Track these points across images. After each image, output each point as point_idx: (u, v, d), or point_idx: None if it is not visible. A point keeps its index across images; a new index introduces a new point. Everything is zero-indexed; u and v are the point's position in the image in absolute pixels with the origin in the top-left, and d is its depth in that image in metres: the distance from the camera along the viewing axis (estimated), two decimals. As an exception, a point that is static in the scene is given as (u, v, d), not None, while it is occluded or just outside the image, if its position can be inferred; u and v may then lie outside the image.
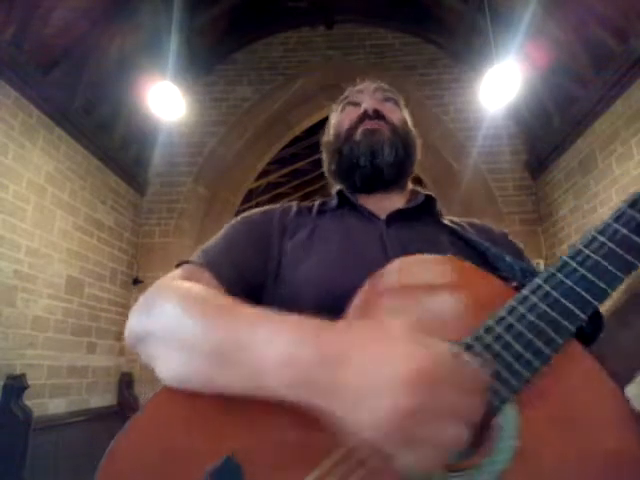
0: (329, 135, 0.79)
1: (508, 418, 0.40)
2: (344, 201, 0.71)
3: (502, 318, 0.44)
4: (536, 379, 0.41)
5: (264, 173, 5.39)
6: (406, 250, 0.57)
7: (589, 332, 0.47)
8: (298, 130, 4.78)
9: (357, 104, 0.76)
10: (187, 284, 0.52)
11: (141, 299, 0.54)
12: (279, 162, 5.75)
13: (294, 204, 0.73)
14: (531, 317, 0.43)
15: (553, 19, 3.23)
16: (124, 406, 3.60)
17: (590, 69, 3.13)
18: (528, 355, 0.41)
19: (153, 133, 4.23)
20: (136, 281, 4.04)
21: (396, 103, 0.78)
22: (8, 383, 2.50)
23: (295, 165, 6.07)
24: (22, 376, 2.56)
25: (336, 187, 0.75)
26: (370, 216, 0.67)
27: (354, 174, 0.71)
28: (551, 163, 3.87)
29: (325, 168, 0.80)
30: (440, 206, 0.73)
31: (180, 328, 0.45)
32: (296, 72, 4.56)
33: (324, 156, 0.81)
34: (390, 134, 0.71)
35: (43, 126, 2.97)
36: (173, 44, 3.37)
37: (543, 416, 0.40)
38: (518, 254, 0.66)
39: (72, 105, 3.22)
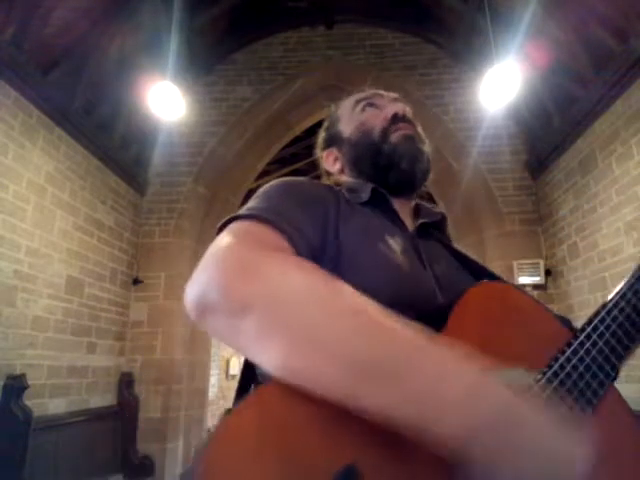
0: (345, 131, 0.78)
1: None
2: (376, 199, 0.67)
3: (575, 351, 0.47)
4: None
5: (264, 173, 5.39)
6: (433, 266, 0.62)
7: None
8: (298, 130, 4.78)
9: (379, 108, 0.77)
10: (308, 265, 0.44)
11: (233, 257, 0.43)
12: (279, 162, 5.75)
13: (341, 189, 0.68)
14: (587, 359, 0.47)
15: (553, 19, 3.23)
16: (124, 406, 3.60)
17: (590, 69, 3.13)
18: (589, 393, 0.45)
19: (153, 133, 4.23)
20: (136, 281, 4.04)
21: (411, 116, 0.80)
22: (8, 383, 2.50)
23: (295, 165, 6.07)
24: (22, 376, 2.56)
25: (341, 179, 0.76)
26: (401, 224, 0.67)
27: (390, 173, 0.71)
28: (551, 163, 3.87)
29: (347, 162, 0.77)
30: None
31: (323, 324, 0.38)
32: (296, 72, 4.56)
33: (336, 150, 0.79)
34: (420, 141, 0.74)
35: (43, 126, 2.97)
36: (173, 44, 3.37)
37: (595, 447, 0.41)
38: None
39: (72, 105, 3.22)
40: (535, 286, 3.89)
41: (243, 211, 0.52)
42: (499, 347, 0.47)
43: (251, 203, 0.55)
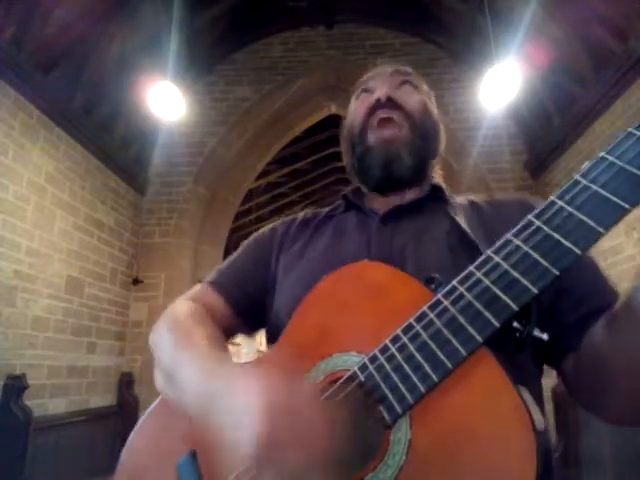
0: (346, 126, 0.75)
1: (400, 433, 0.39)
2: (350, 203, 0.71)
3: (409, 326, 0.42)
4: (436, 394, 0.39)
5: (264, 173, 5.39)
6: (392, 247, 0.59)
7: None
8: (298, 130, 4.78)
9: (371, 91, 0.71)
10: (185, 311, 0.62)
11: (163, 314, 0.64)
12: (279, 162, 5.75)
13: (302, 214, 0.75)
14: (438, 324, 0.40)
15: (553, 19, 3.23)
16: (124, 406, 3.60)
17: (590, 69, 3.13)
18: (427, 368, 0.39)
19: (153, 133, 4.23)
20: (136, 281, 4.03)
21: (414, 86, 0.73)
22: (8, 383, 2.50)
23: (295, 165, 6.07)
24: (22, 376, 2.56)
25: (354, 182, 0.75)
26: (370, 213, 0.66)
27: (366, 177, 0.69)
28: (551, 163, 3.87)
29: (345, 164, 0.77)
30: (449, 193, 0.70)
31: (161, 352, 0.57)
32: (296, 72, 4.56)
33: (342, 148, 0.77)
34: (407, 133, 0.66)
35: (43, 126, 2.97)
36: (173, 44, 3.37)
37: (433, 433, 0.39)
38: None
39: (72, 105, 3.22)
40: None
41: (209, 275, 0.72)
42: (344, 329, 0.47)
43: (220, 265, 0.74)
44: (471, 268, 0.42)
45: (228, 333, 0.66)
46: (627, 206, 0.37)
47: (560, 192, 0.40)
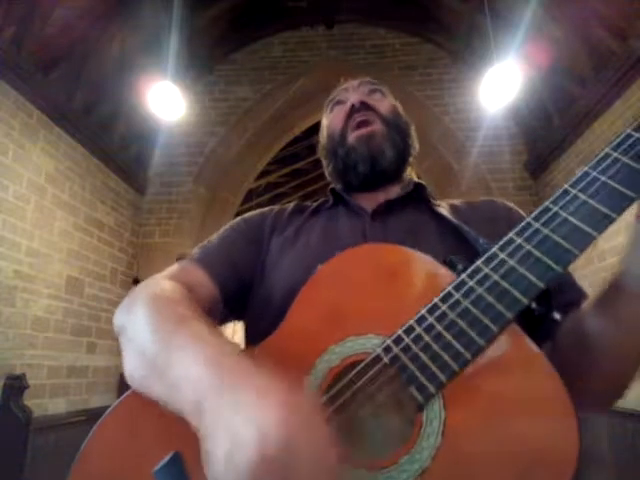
0: (323, 138, 0.80)
1: (433, 414, 0.38)
2: (338, 199, 0.73)
3: (435, 306, 0.41)
4: (468, 374, 0.38)
5: (264, 173, 5.39)
6: (387, 241, 0.58)
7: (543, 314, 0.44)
8: (298, 130, 4.77)
9: (344, 102, 0.76)
10: (164, 290, 0.54)
11: (130, 294, 0.56)
12: (279, 162, 5.75)
13: (293, 204, 0.76)
14: (465, 303, 0.40)
15: (553, 19, 3.23)
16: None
17: (590, 69, 3.13)
18: (458, 346, 0.39)
19: (153, 133, 4.23)
20: (136, 281, 4.03)
21: (382, 93, 0.78)
22: (8, 383, 2.50)
23: (295, 165, 6.07)
24: (22, 376, 2.56)
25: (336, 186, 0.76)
26: (359, 210, 0.68)
27: (350, 176, 0.71)
28: (551, 163, 3.87)
29: (325, 171, 0.81)
30: (432, 192, 0.73)
31: (140, 334, 0.47)
32: (296, 72, 4.56)
33: (322, 159, 0.81)
34: (384, 129, 0.70)
35: (43, 126, 2.97)
36: (173, 44, 3.37)
37: (470, 411, 0.38)
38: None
39: (72, 105, 3.22)
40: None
41: (193, 252, 0.66)
42: (357, 312, 0.45)
43: (204, 242, 0.69)
44: (494, 249, 0.42)
45: (210, 316, 0.58)
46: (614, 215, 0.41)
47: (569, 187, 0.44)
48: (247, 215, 0.74)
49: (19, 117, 2.75)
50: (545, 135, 3.88)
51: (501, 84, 3.17)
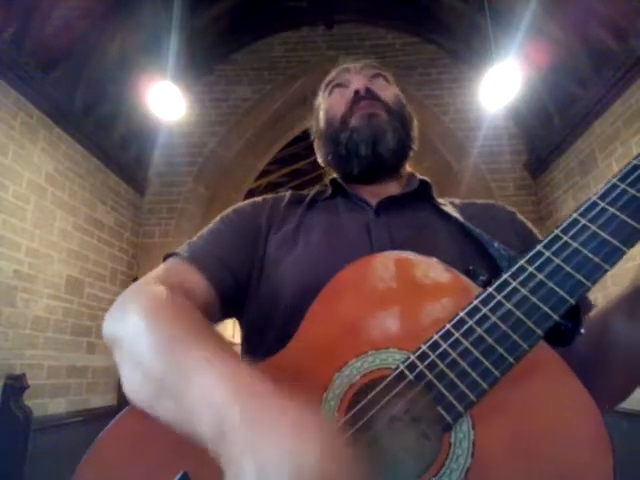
0: (319, 122, 0.74)
1: (462, 435, 0.37)
2: (337, 190, 0.69)
3: (461, 321, 0.40)
4: (494, 390, 0.37)
5: (264, 173, 5.39)
6: (393, 239, 0.57)
7: (569, 329, 0.42)
8: (298, 130, 4.77)
9: (345, 85, 0.71)
10: (162, 296, 0.50)
11: (119, 300, 0.53)
12: (279, 162, 5.75)
13: (287, 194, 0.71)
14: (494, 319, 0.39)
15: (553, 19, 3.23)
16: (124, 406, 3.59)
17: (590, 69, 3.13)
18: (487, 363, 0.37)
19: (153, 133, 4.23)
20: (136, 281, 4.03)
21: (386, 79, 0.73)
22: (8, 383, 2.50)
23: (295, 165, 6.07)
24: (22, 376, 2.56)
25: (331, 176, 0.73)
26: (362, 203, 0.65)
27: (352, 163, 0.67)
28: (551, 163, 3.87)
29: (320, 157, 0.77)
30: (436, 191, 0.70)
31: (141, 350, 0.43)
32: (296, 72, 4.56)
33: (317, 145, 0.77)
34: (388, 116, 0.66)
35: (43, 126, 2.97)
36: (173, 44, 3.37)
37: (499, 431, 0.37)
38: (525, 234, 0.63)
39: (72, 105, 3.22)
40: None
41: (180, 249, 0.63)
42: (377, 325, 0.43)
43: (194, 238, 0.65)
44: (522, 262, 0.41)
45: (208, 319, 0.54)
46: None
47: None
48: (238, 206, 0.69)
49: (19, 117, 2.75)
50: (545, 135, 3.88)
51: (501, 84, 3.16)
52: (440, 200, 0.68)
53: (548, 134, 3.82)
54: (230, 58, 4.64)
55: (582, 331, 0.43)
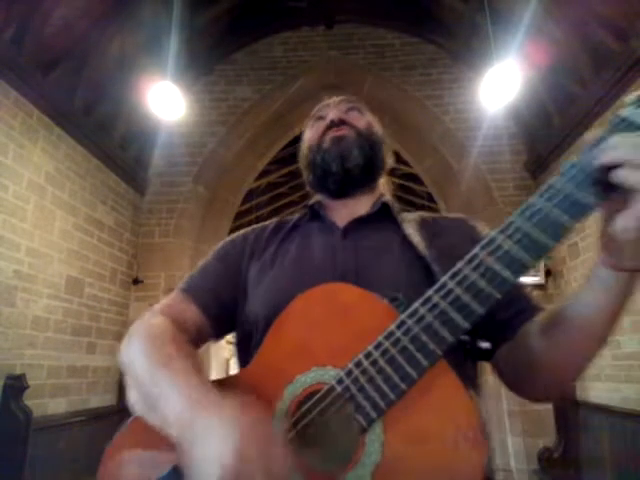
0: (304, 150, 0.84)
1: (374, 436, 0.46)
2: (314, 214, 0.78)
3: (380, 343, 0.49)
4: (402, 399, 0.46)
5: (264, 173, 5.39)
6: (355, 261, 0.65)
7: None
8: (298, 130, 4.77)
9: (324, 118, 0.81)
10: (158, 327, 0.63)
11: (131, 329, 0.64)
12: (279, 162, 5.74)
13: (273, 223, 0.81)
14: (404, 340, 0.47)
15: (553, 19, 3.23)
16: (124, 406, 3.60)
17: (590, 69, 3.13)
18: (396, 378, 0.46)
19: (153, 133, 4.23)
20: (136, 281, 4.03)
21: (360, 111, 0.83)
22: (8, 383, 2.50)
23: (295, 165, 6.05)
24: (22, 376, 2.56)
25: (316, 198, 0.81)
26: (331, 226, 0.74)
27: (327, 181, 0.76)
28: (551, 163, 3.87)
29: (307, 184, 0.85)
30: (398, 210, 0.77)
31: (137, 371, 0.57)
32: (296, 72, 4.56)
33: (304, 173, 0.85)
34: (356, 136, 0.76)
35: (43, 126, 2.97)
36: (173, 44, 3.37)
37: (403, 433, 0.46)
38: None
39: (72, 105, 3.22)
40: (535, 286, 3.89)
41: (181, 282, 0.75)
42: (319, 346, 0.53)
43: (193, 272, 0.77)
44: (430, 292, 0.49)
45: (200, 339, 0.70)
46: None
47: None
48: (229, 240, 0.80)
49: (19, 117, 2.75)
50: (545, 135, 3.88)
51: (501, 84, 3.17)
52: (409, 216, 0.76)
53: (548, 134, 3.82)
54: (230, 58, 4.64)
55: (484, 345, 0.57)
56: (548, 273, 3.89)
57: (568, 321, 0.53)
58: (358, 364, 0.49)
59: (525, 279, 3.88)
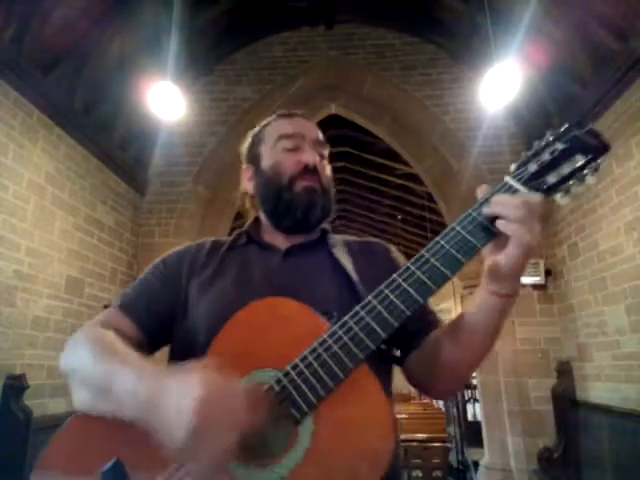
0: (265, 170, 0.84)
1: (306, 427, 0.55)
2: (251, 239, 0.83)
3: (314, 349, 0.58)
4: (330, 396, 0.55)
5: (264, 173, 5.39)
6: (293, 280, 0.73)
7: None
8: (298, 130, 4.77)
9: (296, 150, 0.82)
10: (99, 334, 0.68)
11: (71, 340, 0.69)
12: (279, 162, 5.75)
13: (210, 241, 0.86)
14: (335, 347, 0.57)
15: (553, 19, 3.23)
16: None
17: (590, 69, 3.13)
18: (326, 378, 0.56)
19: (153, 133, 4.23)
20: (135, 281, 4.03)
21: (324, 156, 0.87)
22: (8, 383, 2.50)
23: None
24: (22, 376, 2.56)
25: (258, 211, 0.87)
26: (271, 249, 0.80)
27: (286, 218, 0.81)
28: (551, 163, 3.87)
29: (255, 191, 0.86)
30: (333, 238, 0.85)
31: (86, 368, 0.62)
32: (296, 72, 4.56)
33: (256, 190, 0.86)
34: (321, 192, 0.81)
35: (43, 126, 2.97)
36: (173, 44, 3.37)
37: (329, 423, 0.55)
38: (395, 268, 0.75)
39: (72, 105, 3.22)
40: (535, 286, 3.89)
41: (115, 300, 0.80)
42: (260, 351, 0.61)
43: (127, 289, 0.81)
44: (357, 308, 0.60)
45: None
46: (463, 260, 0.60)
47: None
48: (166, 256, 0.86)
49: (19, 117, 2.75)
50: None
51: (501, 84, 3.16)
52: (338, 239, 0.86)
53: (548, 134, 3.81)
54: (230, 58, 4.64)
55: (397, 353, 0.73)
56: (548, 273, 3.90)
57: (467, 326, 0.65)
58: (294, 367, 0.57)
59: (525, 279, 3.88)
